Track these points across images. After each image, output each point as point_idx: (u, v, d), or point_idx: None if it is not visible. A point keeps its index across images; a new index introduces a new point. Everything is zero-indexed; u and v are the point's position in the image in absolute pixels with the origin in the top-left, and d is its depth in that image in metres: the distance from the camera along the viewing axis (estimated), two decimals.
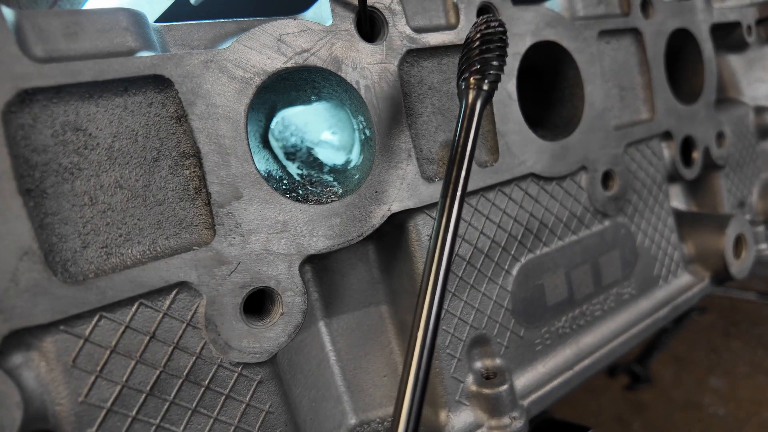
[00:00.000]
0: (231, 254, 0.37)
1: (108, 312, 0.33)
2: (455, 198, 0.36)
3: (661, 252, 0.69)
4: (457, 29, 0.49)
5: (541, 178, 0.56)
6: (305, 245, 0.40)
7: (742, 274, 0.72)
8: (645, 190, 0.68)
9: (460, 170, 0.37)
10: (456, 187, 0.37)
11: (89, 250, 0.33)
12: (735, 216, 0.71)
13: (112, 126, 0.34)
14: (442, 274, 0.33)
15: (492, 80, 0.40)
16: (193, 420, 0.36)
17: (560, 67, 0.60)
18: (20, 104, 0.31)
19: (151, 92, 0.35)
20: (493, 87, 0.41)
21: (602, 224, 0.62)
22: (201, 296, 0.36)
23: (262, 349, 0.38)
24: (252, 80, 0.38)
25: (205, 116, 0.36)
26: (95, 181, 0.34)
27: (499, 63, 0.41)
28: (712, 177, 0.82)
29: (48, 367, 0.32)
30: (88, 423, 0.32)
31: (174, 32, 0.39)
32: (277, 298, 0.39)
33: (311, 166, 0.52)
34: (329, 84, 0.45)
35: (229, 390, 0.38)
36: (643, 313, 0.66)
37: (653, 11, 0.68)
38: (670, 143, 0.71)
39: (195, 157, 0.37)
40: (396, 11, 0.45)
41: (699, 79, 0.76)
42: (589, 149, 0.59)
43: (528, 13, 0.54)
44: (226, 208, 0.37)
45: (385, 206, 0.44)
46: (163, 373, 0.35)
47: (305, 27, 0.40)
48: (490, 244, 0.52)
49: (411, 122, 0.47)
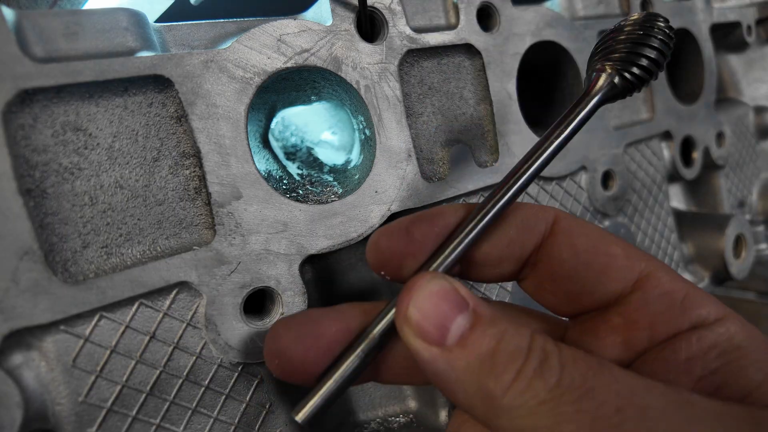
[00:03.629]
0: (231, 254, 0.37)
1: (108, 312, 0.33)
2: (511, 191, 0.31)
3: (660, 252, 0.69)
4: (457, 29, 0.49)
5: (541, 178, 0.56)
6: (305, 245, 0.40)
7: (742, 274, 0.72)
8: (645, 190, 0.68)
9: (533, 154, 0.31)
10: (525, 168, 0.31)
11: (89, 250, 0.33)
12: (735, 216, 0.71)
13: (113, 126, 0.34)
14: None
15: (631, 77, 0.31)
16: (193, 420, 0.36)
17: (560, 67, 0.60)
18: (20, 104, 0.31)
19: (151, 92, 0.35)
20: (627, 85, 0.32)
21: (602, 224, 0.62)
22: (201, 296, 0.36)
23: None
24: (252, 80, 0.38)
25: (205, 116, 0.36)
26: (95, 181, 0.34)
27: (651, 61, 0.31)
28: (711, 177, 0.82)
29: (48, 367, 0.32)
30: (89, 423, 0.32)
31: (174, 32, 0.39)
32: (278, 298, 0.39)
33: (311, 166, 0.52)
34: (329, 84, 0.45)
35: (229, 390, 0.38)
36: None
37: (653, 11, 0.68)
38: (669, 143, 0.71)
39: (195, 157, 0.37)
40: (396, 11, 0.45)
41: (699, 79, 0.76)
42: (589, 149, 0.59)
43: (528, 13, 0.54)
44: (226, 208, 0.37)
45: (385, 206, 0.44)
46: (163, 373, 0.35)
47: (305, 27, 0.40)
48: None
49: (411, 122, 0.47)
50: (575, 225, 0.31)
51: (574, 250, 0.30)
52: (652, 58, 0.31)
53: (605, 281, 0.29)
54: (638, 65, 0.31)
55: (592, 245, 0.30)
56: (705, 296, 0.28)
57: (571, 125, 0.32)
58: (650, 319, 0.28)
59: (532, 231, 0.31)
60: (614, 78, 0.32)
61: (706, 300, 0.28)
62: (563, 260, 0.30)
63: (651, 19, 0.32)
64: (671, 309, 0.28)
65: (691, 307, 0.28)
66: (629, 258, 0.29)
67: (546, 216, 0.31)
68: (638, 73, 0.31)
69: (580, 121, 0.32)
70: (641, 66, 0.31)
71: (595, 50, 0.33)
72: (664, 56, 0.32)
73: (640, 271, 0.29)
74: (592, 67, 0.33)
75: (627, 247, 0.30)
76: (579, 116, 0.32)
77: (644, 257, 0.30)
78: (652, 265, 0.29)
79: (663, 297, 0.28)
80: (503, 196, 0.30)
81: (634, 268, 0.29)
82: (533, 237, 0.31)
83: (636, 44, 0.31)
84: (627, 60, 0.31)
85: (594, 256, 0.30)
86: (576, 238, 0.30)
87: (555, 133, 0.32)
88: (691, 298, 0.28)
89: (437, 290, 0.26)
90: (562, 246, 0.30)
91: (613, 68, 0.32)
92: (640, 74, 0.31)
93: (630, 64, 0.31)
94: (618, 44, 0.32)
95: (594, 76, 0.32)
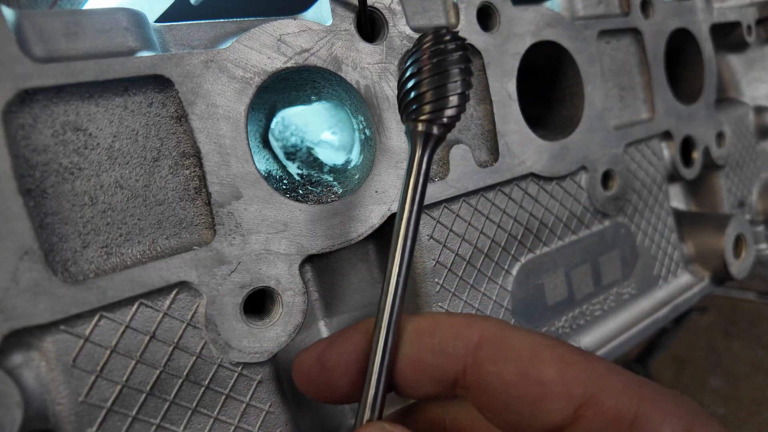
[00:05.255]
0: (231, 254, 0.37)
1: (108, 312, 0.33)
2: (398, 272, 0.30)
3: (660, 252, 0.69)
4: (457, 29, 0.49)
5: (541, 178, 0.56)
6: (305, 245, 0.40)
7: (742, 274, 0.72)
8: (645, 190, 0.68)
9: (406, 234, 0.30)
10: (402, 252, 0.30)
11: (89, 250, 0.33)
12: (735, 216, 0.71)
13: (113, 126, 0.34)
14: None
15: (445, 122, 0.31)
16: (193, 420, 0.36)
17: (560, 67, 0.60)
18: (20, 104, 0.31)
19: (151, 92, 0.35)
20: (446, 129, 0.32)
21: (602, 224, 0.62)
22: (201, 296, 0.36)
23: (263, 349, 0.38)
24: (252, 80, 0.38)
25: (206, 116, 0.36)
26: (95, 180, 0.34)
27: (459, 95, 0.31)
28: (711, 177, 0.82)
29: (48, 367, 0.32)
30: (89, 422, 0.32)
31: (174, 32, 0.39)
32: (278, 298, 0.39)
33: (311, 166, 0.52)
34: (329, 84, 0.45)
35: (229, 390, 0.38)
36: (643, 313, 0.66)
37: (653, 11, 0.68)
38: (669, 143, 0.71)
39: (195, 156, 0.37)
40: (396, 11, 0.45)
41: (699, 79, 0.76)
42: (589, 149, 0.59)
43: (528, 13, 0.54)
44: (226, 208, 0.37)
45: (385, 206, 0.44)
46: (163, 373, 0.35)
47: (305, 27, 0.40)
48: (490, 244, 0.52)
49: None
50: (502, 348, 0.28)
51: (503, 382, 0.27)
52: (458, 102, 0.31)
53: (540, 414, 0.26)
54: (449, 109, 0.31)
55: (522, 373, 0.27)
56: (659, 411, 0.25)
57: (417, 195, 0.31)
58: None
59: (449, 356, 0.28)
60: (432, 130, 0.32)
61: (660, 417, 0.24)
62: (494, 392, 0.27)
63: (439, 44, 0.31)
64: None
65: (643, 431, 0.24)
66: (565, 383, 0.26)
67: (468, 337, 0.28)
68: (451, 118, 0.31)
69: (423, 186, 0.31)
70: (452, 110, 0.31)
71: (400, 105, 0.33)
72: (468, 83, 0.32)
73: (580, 396, 0.25)
74: (407, 124, 0.33)
75: (564, 365, 0.26)
76: (421, 180, 0.31)
77: (583, 376, 0.26)
78: (593, 386, 0.26)
79: (607, 427, 0.25)
80: (387, 308, 0.29)
81: (572, 394, 0.26)
82: (453, 363, 0.28)
83: (438, 87, 0.31)
84: (437, 110, 0.31)
85: (525, 386, 0.26)
86: (504, 365, 0.27)
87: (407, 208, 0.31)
88: (641, 420, 0.24)
89: None
90: (491, 375, 0.27)
91: (428, 122, 0.31)
92: (452, 119, 0.32)
93: (440, 112, 0.31)
94: (420, 93, 0.31)
95: (414, 136, 0.32)
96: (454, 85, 0.31)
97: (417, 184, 0.31)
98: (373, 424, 0.28)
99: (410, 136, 0.32)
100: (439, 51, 0.32)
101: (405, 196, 0.31)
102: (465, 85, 0.32)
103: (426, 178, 0.32)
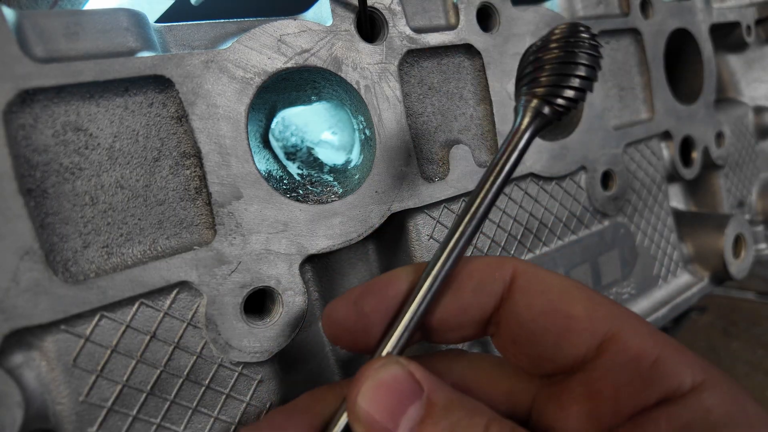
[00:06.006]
0: (231, 254, 0.37)
1: (109, 311, 0.33)
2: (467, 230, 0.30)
3: (660, 252, 0.69)
4: (457, 29, 0.49)
5: (541, 178, 0.56)
6: (305, 245, 0.40)
7: (742, 273, 0.72)
8: (644, 190, 0.68)
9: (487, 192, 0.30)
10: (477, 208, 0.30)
11: (90, 250, 0.33)
12: (734, 216, 0.71)
13: (113, 126, 0.34)
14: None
15: (560, 105, 0.30)
16: (193, 419, 0.36)
17: None
18: (21, 104, 0.31)
19: (151, 92, 0.35)
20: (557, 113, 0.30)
21: (602, 224, 0.62)
22: (201, 296, 0.36)
23: (263, 349, 0.38)
24: (252, 80, 0.38)
25: (206, 116, 0.36)
26: (96, 180, 0.34)
27: (579, 87, 0.30)
28: (711, 177, 0.82)
29: (49, 367, 0.32)
30: (89, 422, 0.32)
31: (174, 32, 0.39)
32: (278, 298, 0.39)
33: (311, 166, 0.53)
34: (329, 84, 0.45)
35: (230, 389, 0.38)
36: (643, 313, 0.66)
37: (653, 11, 0.68)
38: (669, 143, 0.71)
39: (195, 157, 0.37)
40: (396, 11, 0.45)
41: (698, 79, 0.76)
42: (589, 149, 0.59)
43: (528, 13, 0.54)
44: (227, 208, 0.37)
45: (385, 206, 0.44)
46: (163, 373, 0.35)
47: (305, 27, 0.40)
48: (490, 244, 0.52)
49: (411, 122, 0.47)
50: (534, 282, 0.29)
51: (532, 313, 0.28)
52: (578, 85, 0.30)
53: (565, 346, 0.27)
54: (567, 91, 0.30)
55: (550, 306, 0.28)
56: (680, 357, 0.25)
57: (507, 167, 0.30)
58: (614, 391, 0.25)
59: (488, 293, 0.29)
60: (543, 108, 0.30)
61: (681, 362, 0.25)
62: (522, 323, 0.28)
63: (574, 34, 0.30)
64: (637, 379, 0.25)
65: (662, 374, 0.25)
66: (592, 319, 0.27)
67: (503, 274, 0.29)
68: (567, 102, 0.30)
69: (515, 160, 0.30)
70: (570, 93, 0.30)
71: (519, 75, 0.32)
72: (594, 72, 0.30)
73: (604, 333, 0.26)
74: (519, 98, 0.31)
75: (591, 304, 0.27)
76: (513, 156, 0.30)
77: (610, 315, 0.27)
78: (618, 325, 0.26)
79: (628, 364, 0.25)
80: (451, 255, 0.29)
81: (597, 330, 0.26)
82: (490, 299, 0.29)
83: (562, 66, 0.30)
84: (554, 88, 0.30)
85: (552, 318, 0.27)
86: (534, 297, 0.28)
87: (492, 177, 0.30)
88: (662, 362, 0.25)
89: (388, 379, 0.25)
90: (520, 307, 0.28)
91: (541, 98, 0.30)
92: (568, 103, 0.30)
93: (557, 91, 0.30)
94: (542, 70, 0.30)
95: (522, 109, 0.31)
96: (579, 70, 0.30)
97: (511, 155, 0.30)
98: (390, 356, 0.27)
99: (522, 110, 0.31)
100: (572, 39, 0.30)
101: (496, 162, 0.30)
102: (590, 72, 0.30)
103: (522, 153, 0.30)
